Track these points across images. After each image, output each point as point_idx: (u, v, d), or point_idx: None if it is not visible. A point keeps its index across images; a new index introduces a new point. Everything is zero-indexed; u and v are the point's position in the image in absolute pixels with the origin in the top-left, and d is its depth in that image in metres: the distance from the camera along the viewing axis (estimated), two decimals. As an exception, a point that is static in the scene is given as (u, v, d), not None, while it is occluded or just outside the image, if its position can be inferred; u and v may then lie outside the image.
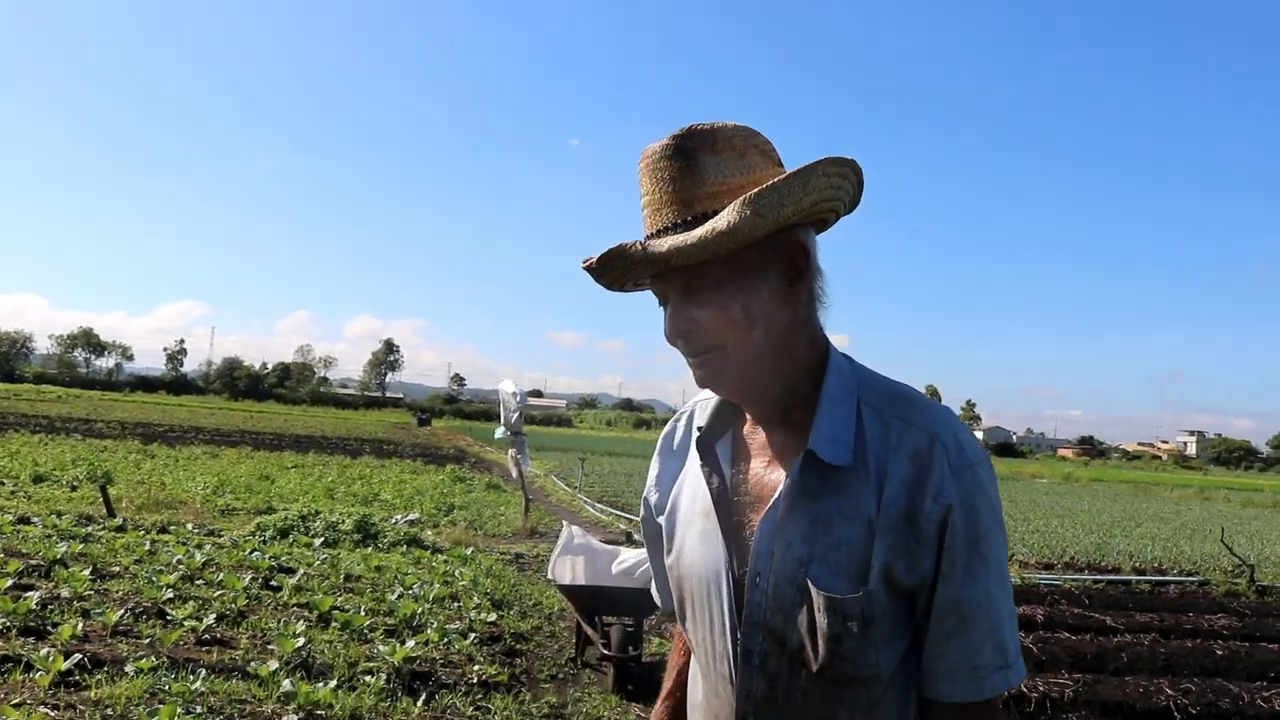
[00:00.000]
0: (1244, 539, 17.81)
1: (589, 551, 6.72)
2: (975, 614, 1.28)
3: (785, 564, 1.32)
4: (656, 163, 1.32)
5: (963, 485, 1.27)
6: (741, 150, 1.32)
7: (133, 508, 11.98)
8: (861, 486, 1.30)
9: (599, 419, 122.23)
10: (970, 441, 1.32)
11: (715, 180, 1.29)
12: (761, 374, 1.35)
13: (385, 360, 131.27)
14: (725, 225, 1.22)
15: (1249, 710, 6.00)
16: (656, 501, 1.60)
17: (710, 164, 1.30)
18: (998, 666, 1.29)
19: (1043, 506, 24.97)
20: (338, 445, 30.97)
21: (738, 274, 1.30)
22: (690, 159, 1.29)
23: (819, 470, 1.31)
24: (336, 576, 8.10)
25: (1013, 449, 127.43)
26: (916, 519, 1.27)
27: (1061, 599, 9.57)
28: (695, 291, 1.31)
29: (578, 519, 15.01)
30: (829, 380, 1.36)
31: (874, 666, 1.30)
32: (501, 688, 5.56)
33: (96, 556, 8.00)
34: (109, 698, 4.56)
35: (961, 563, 1.27)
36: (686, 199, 1.30)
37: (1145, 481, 53.55)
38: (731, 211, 1.22)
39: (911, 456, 1.29)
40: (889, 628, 1.30)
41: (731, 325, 1.30)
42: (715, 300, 1.30)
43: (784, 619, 1.33)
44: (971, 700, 1.30)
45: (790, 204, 1.25)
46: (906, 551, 1.27)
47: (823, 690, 1.33)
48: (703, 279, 1.29)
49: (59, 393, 67.85)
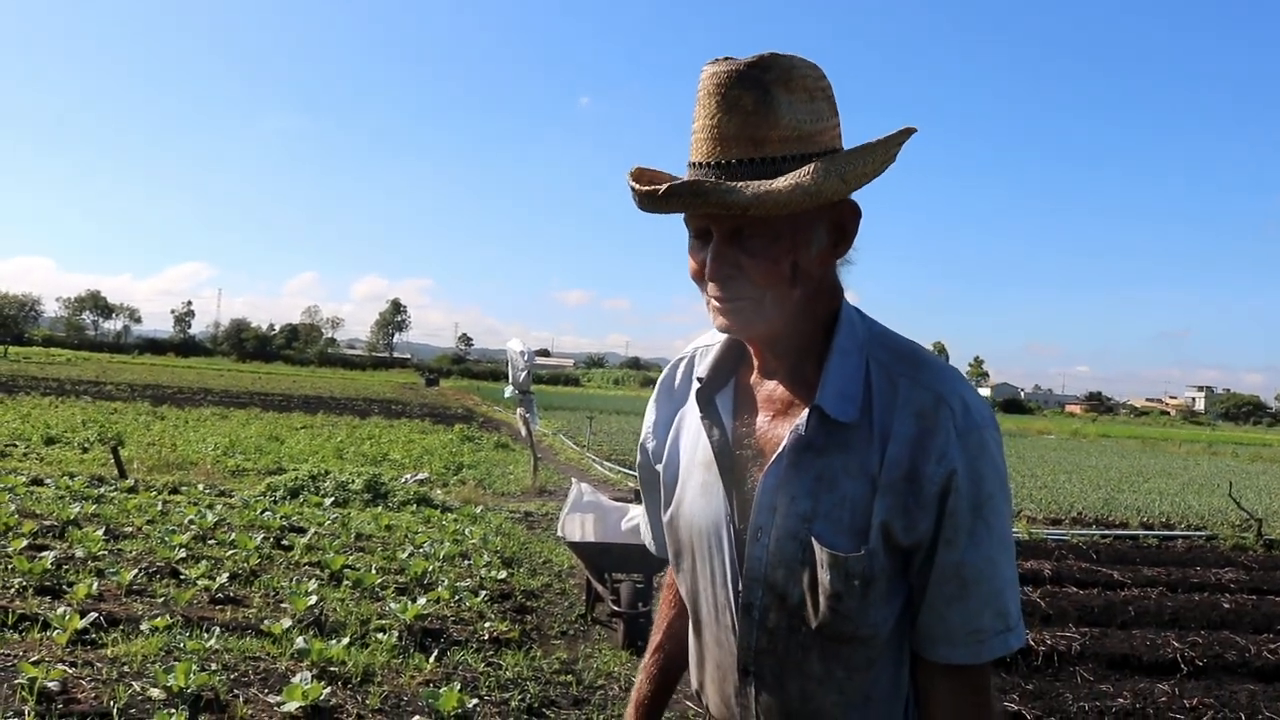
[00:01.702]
0: (1252, 494, 17.83)
1: (598, 509, 6.75)
2: (977, 579, 1.26)
3: (788, 519, 1.31)
4: (729, 88, 1.23)
5: (968, 449, 1.25)
6: (812, 93, 1.26)
7: (144, 469, 12.06)
8: (866, 444, 1.28)
9: (606, 378, 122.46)
10: (977, 404, 1.29)
11: (789, 123, 1.23)
12: (787, 327, 1.32)
13: (392, 321, 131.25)
14: (812, 185, 1.18)
15: (1255, 662, 6.04)
16: (654, 449, 1.58)
17: (785, 103, 1.23)
18: (998, 631, 1.29)
19: (1050, 462, 25.00)
20: (346, 406, 31.07)
21: (794, 230, 1.25)
22: (767, 93, 1.22)
23: (825, 426, 1.29)
24: (347, 535, 8.16)
25: (1020, 405, 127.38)
26: (918, 480, 1.25)
27: (1069, 554, 9.61)
28: (748, 238, 1.26)
29: (586, 477, 15.06)
30: (840, 333, 1.33)
31: (872, 625, 1.30)
32: (512, 644, 5.61)
33: (109, 517, 8.06)
34: (125, 655, 4.61)
35: (965, 528, 1.25)
36: (759, 137, 1.23)
37: (1153, 437, 53.52)
38: (819, 172, 1.19)
39: (916, 416, 1.26)
40: (886, 587, 1.29)
41: (778, 279, 1.26)
42: (767, 252, 1.25)
43: (785, 575, 1.32)
44: (969, 663, 1.30)
45: (870, 174, 1.24)
46: (905, 511, 1.25)
47: (821, 647, 1.33)
48: (760, 226, 1.24)
49: (68, 355, 68.19)
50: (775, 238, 1.25)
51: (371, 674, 4.79)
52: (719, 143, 1.25)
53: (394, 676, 4.83)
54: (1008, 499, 1.29)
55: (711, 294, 1.30)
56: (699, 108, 1.27)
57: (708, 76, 1.26)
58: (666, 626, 1.68)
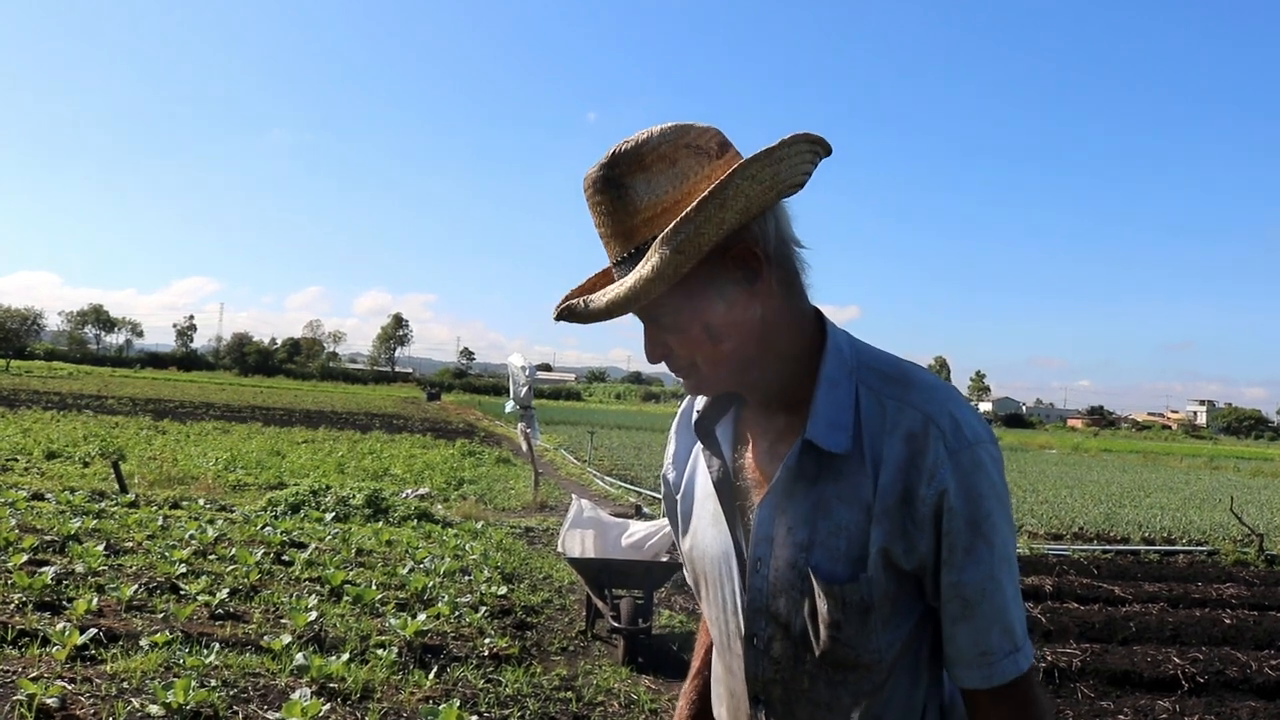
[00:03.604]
0: (1254, 508, 17.79)
1: (598, 525, 6.75)
2: (979, 598, 1.25)
3: (786, 549, 1.32)
4: (592, 197, 1.28)
5: (960, 468, 1.24)
6: (672, 158, 1.24)
7: (145, 484, 12.07)
8: (858, 472, 1.28)
9: (608, 392, 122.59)
10: (970, 420, 1.28)
11: (649, 204, 1.24)
12: (747, 373, 1.33)
13: (394, 335, 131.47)
14: (650, 273, 1.19)
15: (1256, 678, 6.02)
16: (674, 479, 1.60)
17: (641, 187, 1.24)
18: (1006, 652, 1.27)
19: (1051, 477, 24.96)
20: (348, 420, 31.09)
21: (689, 296, 1.26)
22: (620, 187, 1.24)
23: (816, 456, 1.30)
24: (348, 551, 8.15)
25: (1022, 420, 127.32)
26: (912, 502, 1.24)
27: (1070, 569, 9.59)
28: (658, 319, 1.30)
29: (587, 492, 15.05)
30: (827, 363, 1.32)
31: (875, 652, 1.30)
32: (512, 660, 5.60)
33: (110, 532, 8.06)
34: (124, 671, 4.61)
35: (962, 547, 1.24)
36: (625, 231, 1.26)
37: (1154, 451, 53.46)
38: (654, 255, 1.19)
39: (906, 439, 1.26)
40: (890, 612, 1.29)
41: (696, 345, 1.29)
42: (675, 326, 1.29)
43: (785, 604, 1.33)
44: (981, 687, 1.28)
45: (711, 229, 1.18)
46: (903, 534, 1.25)
47: (826, 674, 1.33)
48: (658, 309, 1.28)
49: (70, 369, 68.26)
50: (675, 312, 1.27)
51: (371, 690, 4.78)
52: (607, 245, 1.30)
53: (393, 693, 4.82)
54: (1008, 515, 1.28)
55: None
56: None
57: (584, 188, 1.30)
58: (705, 652, 1.71)
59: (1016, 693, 1.28)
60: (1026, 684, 1.28)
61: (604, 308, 1.25)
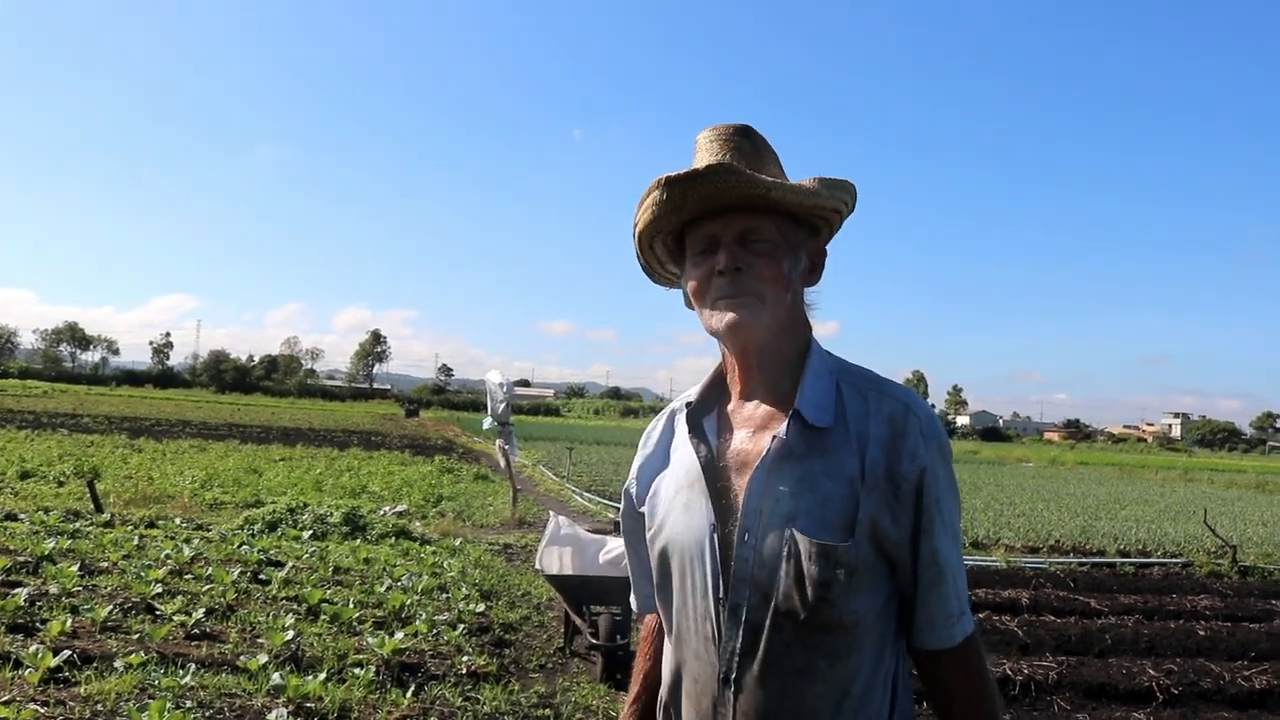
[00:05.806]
0: (1227, 520, 17.96)
1: (576, 541, 6.74)
2: (948, 565, 1.46)
3: (773, 518, 1.44)
4: (730, 136, 1.54)
5: (931, 452, 1.47)
6: (775, 157, 1.59)
7: (120, 503, 11.95)
8: (843, 449, 1.46)
9: (587, 408, 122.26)
10: (935, 418, 1.51)
11: (771, 168, 1.54)
12: (779, 334, 1.52)
13: (372, 351, 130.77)
14: (811, 186, 1.50)
15: (1230, 690, 6.08)
16: (637, 492, 1.70)
17: (768, 154, 1.57)
18: (960, 612, 1.48)
19: (1028, 490, 25.07)
20: (325, 437, 30.88)
21: (788, 240, 1.52)
22: (757, 145, 1.56)
23: (804, 431, 1.47)
24: (325, 569, 8.12)
25: (999, 433, 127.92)
26: (895, 478, 1.44)
27: (1046, 582, 9.66)
28: (752, 242, 1.50)
29: (566, 508, 15.04)
30: (812, 358, 1.55)
31: (855, 613, 1.43)
32: (490, 678, 5.59)
33: (85, 552, 8.00)
34: (98, 694, 4.58)
35: (937, 519, 1.45)
36: (755, 166, 1.51)
37: (1130, 464, 53.81)
38: (813, 182, 1.50)
39: (888, 421, 1.47)
40: (869, 578, 1.44)
41: (776, 277, 1.49)
42: (769, 251, 1.50)
43: (770, 573, 1.44)
44: (948, 646, 1.48)
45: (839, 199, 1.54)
46: (889, 506, 1.43)
47: (804, 639, 1.43)
48: (763, 230, 1.50)
49: (44, 388, 67.49)
50: (774, 244, 1.50)
51: (348, 710, 4.77)
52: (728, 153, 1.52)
53: (371, 712, 4.80)
54: (958, 498, 1.52)
55: (719, 294, 1.50)
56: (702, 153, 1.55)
57: (708, 132, 1.56)
58: (644, 678, 1.80)
59: (972, 650, 1.50)
60: (976, 642, 1.51)
61: (770, 182, 1.46)
